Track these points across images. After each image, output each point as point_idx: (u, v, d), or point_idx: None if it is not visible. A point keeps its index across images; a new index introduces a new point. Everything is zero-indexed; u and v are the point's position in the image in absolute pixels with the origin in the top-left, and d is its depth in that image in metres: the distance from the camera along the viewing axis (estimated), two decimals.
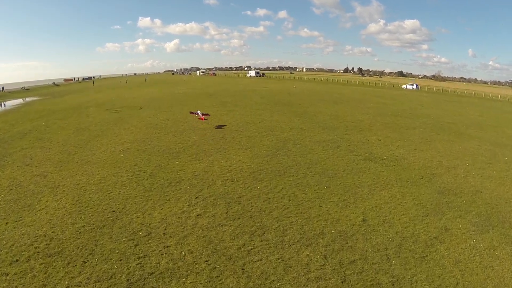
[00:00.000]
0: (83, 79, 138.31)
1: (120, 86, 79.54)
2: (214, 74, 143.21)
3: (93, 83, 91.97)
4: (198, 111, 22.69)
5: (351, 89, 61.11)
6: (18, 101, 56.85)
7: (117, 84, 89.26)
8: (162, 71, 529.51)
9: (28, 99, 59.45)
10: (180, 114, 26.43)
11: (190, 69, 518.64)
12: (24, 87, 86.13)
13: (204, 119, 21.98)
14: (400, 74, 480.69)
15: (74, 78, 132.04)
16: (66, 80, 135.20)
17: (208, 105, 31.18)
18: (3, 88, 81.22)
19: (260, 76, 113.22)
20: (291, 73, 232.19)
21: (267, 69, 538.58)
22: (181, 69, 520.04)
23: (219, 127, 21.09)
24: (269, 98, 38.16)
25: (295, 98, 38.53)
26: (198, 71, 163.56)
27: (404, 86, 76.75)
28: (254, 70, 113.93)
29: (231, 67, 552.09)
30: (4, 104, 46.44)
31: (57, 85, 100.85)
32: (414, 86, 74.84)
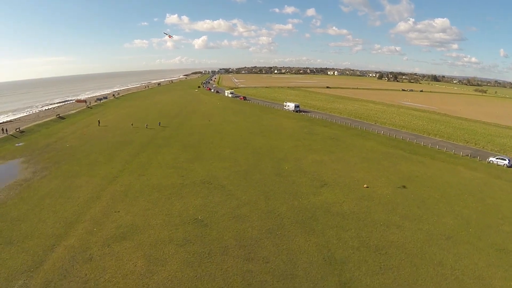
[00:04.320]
0: (97, 99, 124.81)
1: (125, 140, 64.00)
2: (244, 98, 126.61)
3: (99, 123, 76.82)
4: None
5: (434, 184, 42.71)
6: None
7: (127, 127, 73.90)
8: (190, 72, 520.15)
9: None
10: None
11: (218, 71, 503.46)
12: (19, 128, 72.43)
13: None
14: (434, 78, 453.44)
15: (86, 101, 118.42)
16: (78, 101, 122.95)
17: None
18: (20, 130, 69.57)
19: (298, 112, 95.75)
20: (327, 87, 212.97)
21: (298, 71, 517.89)
22: (209, 71, 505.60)
23: None
24: None
25: None
26: (226, 91, 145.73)
27: (490, 159, 56.24)
28: (293, 103, 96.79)
29: (261, 70, 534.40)
30: None
31: (62, 118, 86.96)
32: (506, 162, 54.28)
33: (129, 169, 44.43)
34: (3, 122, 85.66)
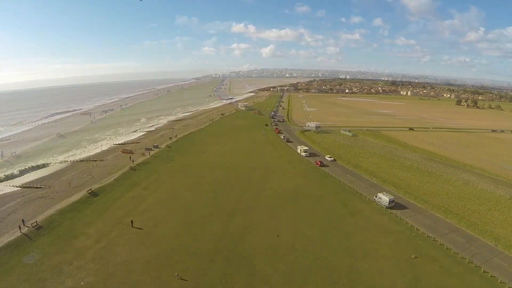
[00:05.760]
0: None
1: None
2: (321, 164, 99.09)
3: (132, 223, 57.28)
4: None
5: None
6: None
7: (183, 236, 54.13)
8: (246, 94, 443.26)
9: None
10: None
11: (287, 88, 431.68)
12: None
13: None
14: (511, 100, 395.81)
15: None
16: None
17: None
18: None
19: (392, 208, 73.22)
20: (410, 128, 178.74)
21: (370, 90, 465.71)
22: (278, 89, 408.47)
23: None
24: None
25: None
26: (299, 147, 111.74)
27: None
28: (387, 197, 73.34)
29: (331, 89, 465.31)
30: None
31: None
32: None
33: None
34: None
